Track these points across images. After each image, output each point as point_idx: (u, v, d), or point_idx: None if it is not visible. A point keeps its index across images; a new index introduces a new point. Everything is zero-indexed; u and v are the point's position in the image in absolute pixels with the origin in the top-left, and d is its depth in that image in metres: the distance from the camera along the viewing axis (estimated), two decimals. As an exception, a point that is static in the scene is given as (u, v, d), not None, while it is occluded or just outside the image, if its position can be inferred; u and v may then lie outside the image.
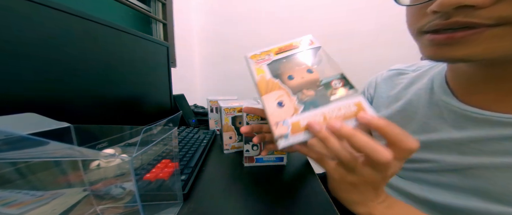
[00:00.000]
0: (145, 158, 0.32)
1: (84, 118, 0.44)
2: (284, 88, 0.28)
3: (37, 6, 0.34)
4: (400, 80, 0.43)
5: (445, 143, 0.31)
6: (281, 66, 0.30)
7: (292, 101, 0.26)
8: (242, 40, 1.41)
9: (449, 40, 0.23)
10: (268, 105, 0.26)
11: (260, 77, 0.28)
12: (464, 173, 0.29)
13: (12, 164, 0.22)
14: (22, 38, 0.33)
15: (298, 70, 0.29)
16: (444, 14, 0.22)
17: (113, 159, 0.27)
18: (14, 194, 0.22)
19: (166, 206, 0.31)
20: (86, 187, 0.28)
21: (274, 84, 0.28)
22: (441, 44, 0.24)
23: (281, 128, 0.24)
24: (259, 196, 0.36)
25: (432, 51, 0.25)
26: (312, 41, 0.31)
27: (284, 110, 0.26)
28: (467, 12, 0.20)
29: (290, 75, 0.29)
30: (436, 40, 0.24)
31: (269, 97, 0.27)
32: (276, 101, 0.26)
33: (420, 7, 0.25)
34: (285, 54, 0.30)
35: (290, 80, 0.28)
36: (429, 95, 0.35)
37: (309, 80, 0.28)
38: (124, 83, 0.55)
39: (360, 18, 1.24)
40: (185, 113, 0.83)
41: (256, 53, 0.31)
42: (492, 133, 0.27)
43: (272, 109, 0.26)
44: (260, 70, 0.29)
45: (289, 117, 0.25)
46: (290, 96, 0.27)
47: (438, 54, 0.25)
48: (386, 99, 0.44)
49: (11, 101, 0.33)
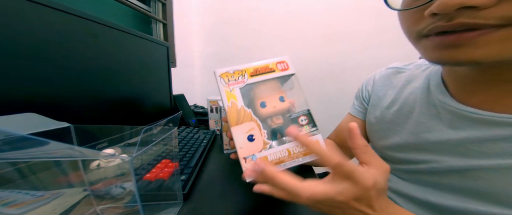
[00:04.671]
0: (145, 158, 0.32)
1: (84, 118, 0.44)
2: (256, 120, 0.27)
3: (37, 6, 0.34)
4: (398, 79, 0.43)
5: (442, 144, 0.31)
6: (255, 91, 0.29)
7: (262, 135, 0.27)
8: (242, 40, 1.40)
9: (457, 41, 0.22)
10: (238, 138, 0.26)
11: (231, 104, 0.27)
12: (463, 175, 0.29)
13: (12, 164, 0.22)
14: (22, 38, 0.33)
15: (271, 98, 0.29)
16: (446, 16, 0.21)
17: (113, 159, 0.27)
18: (14, 194, 0.22)
19: (166, 206, 0.31)
20: (86, 187, 0.28)
21: (246, 115, 0.27)
22: (448, 47, 0.23)
23: (249, 163, 0.26)
24: (259, 196, 0.36)
25: (437, 54, 0.24)
26: (288, 65, 0.30)
27: (253, 144, 0.26)
28: (470, 13, 0.20)
29: (263, 102, 0.28)
30: (442, 43, 0.23)
31: (240, 130, 0.27)
32: (247, 135, 0.27)
33: (415, 11, 0.24)
34: (260, 78, 0.29)
35: (262, 108, 0.28)
36: (426, 95, 0.35)
37: (280, 109, 0.29)
38: (124, 83, 0.55)
39: (360, 18, 1.23)
40: (185, 113, 0.83)
41: (228, 71, 0.28)
42: (490, 133, 0.27)
43: (241, 142, 0.26)
44: (231, 95, 0.28)
45: (257, 152, 0.26)
46: (261, 130, 0.27)
47: (444, 57, 0.24)
48: (383, 99, 0.44)
49: (11, 101, 0.33)
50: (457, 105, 0.30)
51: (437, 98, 0.33)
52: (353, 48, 1.28)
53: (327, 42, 1.30)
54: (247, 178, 0.26)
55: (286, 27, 1.34)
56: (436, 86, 0.34)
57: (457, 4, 0.19)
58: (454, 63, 0.24)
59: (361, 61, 1.27)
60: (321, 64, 1.33)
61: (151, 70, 0.67)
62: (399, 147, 0.38)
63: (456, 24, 0.21)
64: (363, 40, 1.26)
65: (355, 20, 1.25)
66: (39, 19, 0.35)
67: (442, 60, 0.25)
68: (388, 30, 1.15)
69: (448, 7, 0.20)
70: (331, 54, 1.31)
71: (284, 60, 0.30)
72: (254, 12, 1.36)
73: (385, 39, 1.20)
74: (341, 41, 1.29)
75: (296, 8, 1.31)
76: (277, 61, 0.30)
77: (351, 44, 1.27)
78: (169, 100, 0.77)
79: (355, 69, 1.29)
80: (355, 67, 1.29)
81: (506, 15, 0.19)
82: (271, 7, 1.33)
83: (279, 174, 0.24)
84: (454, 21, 0.21)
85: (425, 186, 0.34)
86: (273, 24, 1.35)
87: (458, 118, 0.30)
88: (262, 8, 1.34)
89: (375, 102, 0.46)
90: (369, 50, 1.25)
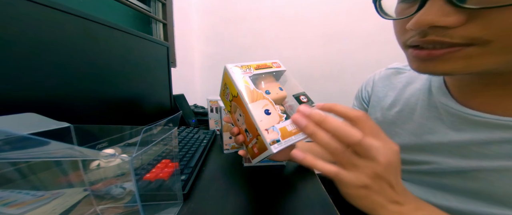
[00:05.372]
0: (145, 158, 0.32)
1: (84, 118, 0.44)
2: (268, 98, 0.30)
3: (37, 6, 0.34)
4: (398, 80, 0.43)
5: (444, 145, 0.31)
6: (260, 81, 0.33)
7: (276, 110, 0.29)
8: (242, 40, 1.40)
9: (429, 56, 0.24)
10: (256, 113, 0.28)
11: (245, 87, 0.30)
12: (465, 176, 0.29)
13: (13, 164, 0.22)
14: (22, 38, 0.33)
15: (273, 87, 0.33)
16: (421, 32, 0.23)
17: (113, 159, 0.27)
18: (14, 194, 0.22)
19: (166, 206, 0.31)
20: (86, 187, 0.28)
21: (259, 94, 0.30)
22: (422, 59, 0.25)
23: (272, 133, 0.26)
24: (259, 196, 0.36)
25: (416, 65, 0.26)
26: (280, 65, 0.36)
27: (271, 117, 0.28)
28: (440, 32, 0.21)
29: (267, 90, 0.32)
30: (418, 56, 0.25)
31: (256, 106, 0.29)
32: (263, 109, 0.28)
33: (403, 22, 0.25)
34: (262, 71, 0.33)
35: (267, 95, 0.31)
36: (427, 96, 0.35)
37: (281, 96, 0.33)
38: (124, 83, 0.55)
39: (360, 18, 1.23)
40: (185, 113, 0.83)
41: (237, 65, 0.32)
42: (492, 136, 0.27)
43: (260, 116, 0.28)
44: (244, 80, 0.31)
45: (276, 123, 0.27)
46: (274, 105, 0.30)
47: (422, 68, 0.26)
48: (384, 100, 0.44)
49: (11, 101, 0.33)
50: (459, 107, 0.30)
51: (439, 100, 0.33)
52: (353, 48, 1.28)
53: (327, 42, 1.30)
54: (297, 120, 0.26)
55: (286, 27, 1.34)
56: (437, 88, 0.34)
57: (427, 23, 0.21)
58: (430, 73, 0.26)
59: (361, 61, 1.27)
60: (321, 64, 1.33)
61: (151, 70, 0.67)
62: (400, 148, 0.37)
63: (428, 40, 0.23)
64: (363, 40, 1.26)
65: (355, 20, 1.25)
66: (39, 19, 0.35)
67: (420, 70, 0.27)
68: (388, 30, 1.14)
69: (421, 25, 0.22)
70: (331, 54, 1.31)
71: (276, 61, 0.36)
72: (254, 12, 1.36)
73: (385, 39, 1.20)
74: (341, 41, 1.29)
75: (296, 8, 1.31)
76: (271, 62, 0.36)
77: (351, 44, 1.28)
78: (169, 100, 0.77)
79: (355, 69, 1.29)
80: (355, 67, 1.29)
81: (471, 36, 0.20)
82: (271, 7, 1.33)
83: (329, 117, 0.25)
84: (426, 37, 0.23)
85: (426, 187, 0.34)
86: (273, 24, 1.35)
87: (460, 120, 0.30)
88: (262, 8, 1.34)
89: (375, 103, 0.46)
90: (369, 50, 1.25)
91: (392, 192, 0.24)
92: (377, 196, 0.23)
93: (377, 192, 0.23)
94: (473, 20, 0.20)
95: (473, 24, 0.20)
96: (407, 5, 0.25)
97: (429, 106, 0.35)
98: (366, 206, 0.24)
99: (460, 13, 0.20)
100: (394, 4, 0.27)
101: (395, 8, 0.27)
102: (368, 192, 0.23)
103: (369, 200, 0.24)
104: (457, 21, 0.20)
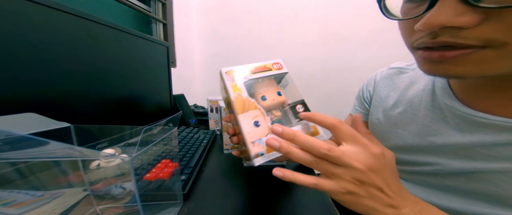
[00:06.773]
0: (145, 158, 0.32)
1: (84, 118, 0.44)
2: (259, 108, 0.30)
3: (37, 6, 0.34)
4: (400, 80, 0.43)
5: (449, 147, 0.31)
6: (256, 86, 0.33)
7: (266, 121, 0.29)
8: (242, 40, 1.40)
9: (441, 58, 0.22)
10: (245, 124, 0.28)
11: (237, 95, 0.30)
12: (470, 177, 0.29)
13: (12, 164, 0.22)
14: (22, 38, 0.33)
15: (270, 92, 0.33)
16: (431, 33, 0.22)
17: (113, 159, 0.27)
18: (14, 194, 0.22)
19: (166, 206, 0.31)
20: (86, 187, 0.28)
21: (251, 104, 0.29)
22: (433, 62, 0.24)
23: (257, 146, 0.27)
24: (259, 196, 0.36)
25: (427, 67, 0.25)
26: (281, 65, 0.34)
27: (259, 129, 0.28)
28: (453, 33, 0.20)
29: (263, 96, 0.32)
30: (428, 58, 0.24)
31: (246, 117, 0.29)
32: (253, 121, 0.28)
33: (409, 23, 0.24)
34: (260, 75, 0.32)
35: (263, 101, 0.31)
36: (431, 97, 0.35)
37: (278, 102, 0.32)
38: (124, 83, 0.55)
39: (360, 18, 1.23)
40: (185, 113, 0.83)
41: (233, 69, 0.32)
42: (499, 138, 0.26)
43: (248, 128, 0.28)
44: (237, 88, 0.30)
45: (264, 136, 0.28)
46: (265, 117, 0.29)
47: (433, 70, 0.25)
48: (386, 100, 0.43)
49: (11, 101, 0.33)
50: (465, 109, 0.30)
51: (443, 102, 0.32)
52: (353, 48, 1.28)
53: (327, 42, 1.30)
54: (271, 143, 0.25)
55: (286, 27, 1.34)
56: (442, 89, 0.33)
57: (439, 24, 0.20)
58: (440, 76, 0.25)
59: (361, 61, 1.27)
60: (321, 64, 1.33)
61: (151, 70, 0.67)
62: (403, 149, 0.37)
63: (439, 42, 0.22)
64: (363, 40, 1.26)
65: (355, 20, 1.25)
66: (39, 19, 0.35)
67: (430, 73, 0.26)
68: (388, 30, 1.15)
69: (432, 26, 0.20)
70: (331, 54, 1.31)
71: (278, 62, 0.35)
72: (254, 12, 1.36)
73: (385, 39, 1.20)
74: (341, 41, 1.28)
75: (296, 8, 1.30)
76: (272, 62, 0.34)
77: (351, 44, 1.27)
78: (169, 100, 0.77)
79: (355, 69, 1.29)
80: (355, 67, 1.29)
81: (486, 37, 0.19)
82: (271, 7, 1.33)
83: (298, 133, 0.25)
84: (437, 39, 0.22)
85: (429, 188, 0.34)
86: (273, 24, 1.35)
87: (466, 122, 0.30)
88: (262, 8, 1.34)
89: (377, 103, 0.45)
90: (369, 50, 1.25)
91: (383, 196, 0.23)
92: (367, 201, 0.23)
93: (365, 197, 0.23)
94: (489, 20, 0.18)
95: (489, 24, 0.18)
96: (414, 4, 0.23)
97: (433, 107, 0.34)
98: (360, 210, 0.24)
99: (475, 12, 0.18)
100: (400, 4, 0.26)
101: (400, 7, 0.26)
102: (355, 198, 0.23)
103: (360, 205, 0.23)
104: (472, 21, 0.18)
